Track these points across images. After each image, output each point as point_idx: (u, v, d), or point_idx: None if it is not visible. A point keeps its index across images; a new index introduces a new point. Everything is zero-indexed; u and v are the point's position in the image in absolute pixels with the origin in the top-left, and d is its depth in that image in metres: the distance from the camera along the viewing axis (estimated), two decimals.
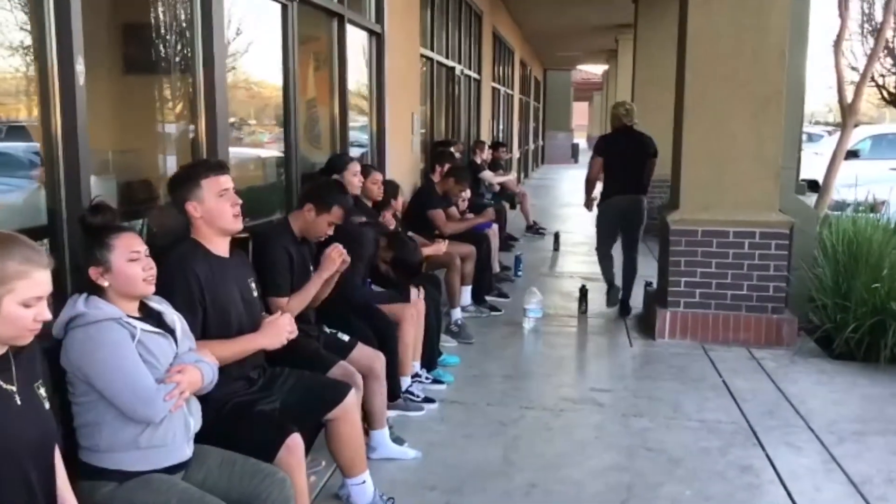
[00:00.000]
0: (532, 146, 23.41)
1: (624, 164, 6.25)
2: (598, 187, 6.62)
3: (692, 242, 5.73)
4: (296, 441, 2.60)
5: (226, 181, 2.73)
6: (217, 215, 2.70)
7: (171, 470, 2.27)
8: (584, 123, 46.18)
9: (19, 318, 1.75)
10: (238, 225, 2.77)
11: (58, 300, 2.40)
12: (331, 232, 3.46)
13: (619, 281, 6.52)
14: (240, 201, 2.77)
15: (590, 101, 42.46)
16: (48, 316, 1.82)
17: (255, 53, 4.49)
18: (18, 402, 1.79)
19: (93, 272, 2.23)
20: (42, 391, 1.88)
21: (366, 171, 4.75)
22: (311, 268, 3.36)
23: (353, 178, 4.44)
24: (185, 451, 2.32)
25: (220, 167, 2.77)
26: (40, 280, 1.78)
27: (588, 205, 6.83)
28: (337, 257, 3.23)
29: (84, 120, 2.42)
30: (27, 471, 1.80)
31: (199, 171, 2.73)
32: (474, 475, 3.60)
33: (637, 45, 11.50)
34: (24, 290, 1.74)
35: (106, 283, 2.24)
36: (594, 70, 29.45)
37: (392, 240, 4.46)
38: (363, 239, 3.93)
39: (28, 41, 2.51)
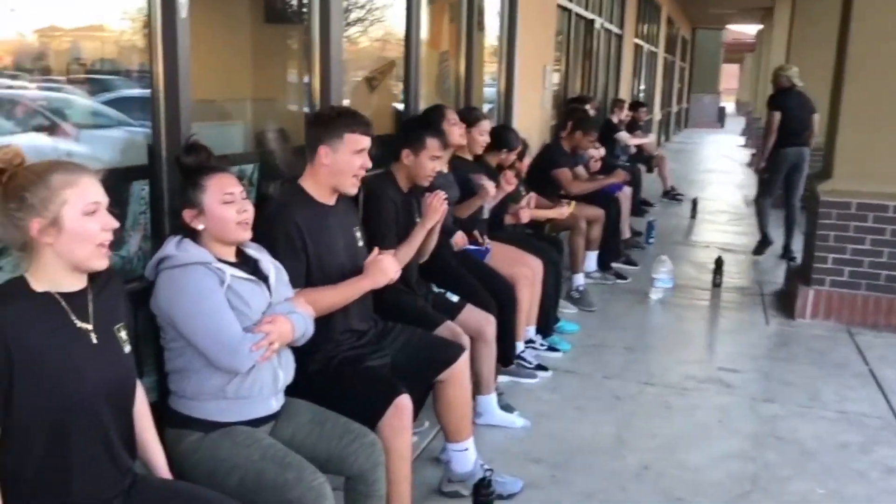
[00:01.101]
0: (675, 108, 22.39)
1: (795, 118, 6.87)
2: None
3: (844, 216, 5.21)
4: (405, 402, 2.48)
5: (366, 142, 2.63)
6: (344, 170, 2.60)
7: (257, 422, 2.20)
8: (733, 87, 43.81)
9: (86, 229, 1.68)
10: (353, 190, 2.68)
11: (158, 241, 2.37)
12: (438, 166, 3.32)
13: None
14: (369, 165, 2.66)
15: (741, 63, 40.18)
16: (115, 223, 1.74)
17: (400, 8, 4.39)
18: (94, 342, 1.73)
19: (187, 214, 2.16)
20: (123, 334, 1.82)
21: (473, 118, 4.36)
22: (418, 219, 3.22)
23: (453, 129, 4.02)
24: (272, 404, 2.24)
25: (367, 126, 2.66)
26: (89, 185, 1.71)
27: (764, 170, 7.35)
28: (438, 205, 3.08)
29: (186, 59, 2.33)
30: (103, 414, 1.75)
31: (347, 122, 2.61)
32: (583, 451, 3.40)
33: (796, 1, 10.61)
34: (77, 197, 1.68)
35: (200, 226, 2.16)
36: (746, 30, 27.73)
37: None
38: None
39: None
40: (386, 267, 2.60)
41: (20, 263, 1.74)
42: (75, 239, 1.68)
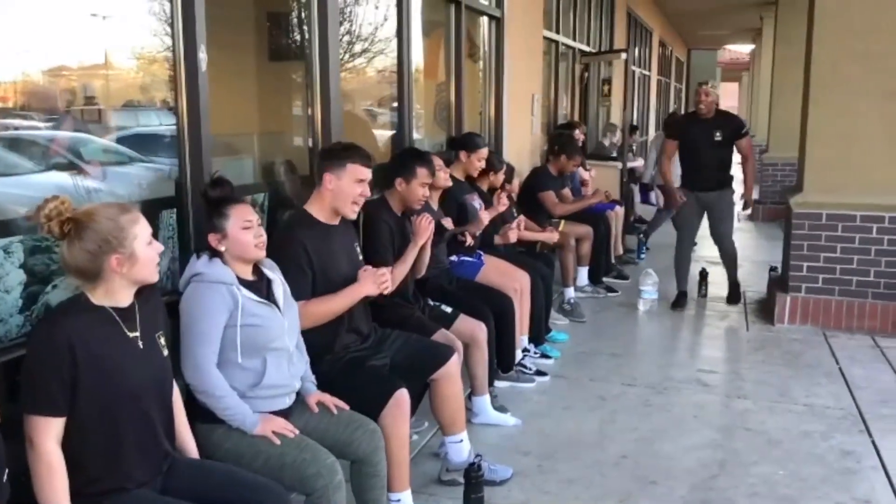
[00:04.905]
0: None
1: None
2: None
3: (816, 226, 5.58)
4: (403, 395, 2.85)
5: (367, 173, 3.02)
6: (345, 197, 2.99)
7: (274, 414, 2.55)
8: (733, 105, 44.23)
9: (149, 256, 2.08)
10: (353, 214, 3.06)
11: (185, 261, 2.74)
12: (427, 193, 3.70)
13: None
14: (368, 194, 3.06)
15: (739, 82, 40.68)
16: (161, 247, 2.15)
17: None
18: (141, 347, 2.10)
19: (211, 238, 2.53)
20: (162, 340, 2.19)
21: (473, 145, 4.84)
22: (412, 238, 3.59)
23: (439, 173, 4.25)
24: (286, 401, 2.61)
25: (369, 159, 3.06)
26: (144, 221, 2.10)
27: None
28: (427, 225, 3.47)
29: (206, 103, 2.73)
30: (148, 408, 2.12)
31: (351, 155, 3.01)
32: (568, 444, 3.74)
33: (777, 22, 11.07)
34: (142, 231, 2.07)
35: (223, 248, 2.53)
36: (742, 49, 28.19)
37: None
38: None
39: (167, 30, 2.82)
40: (375, 277, 2.97)
41: (73, 283, 2.10)
42: (144, 265, 2.07)
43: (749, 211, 6.23)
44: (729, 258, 6.21)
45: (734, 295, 6.26)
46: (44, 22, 2.58)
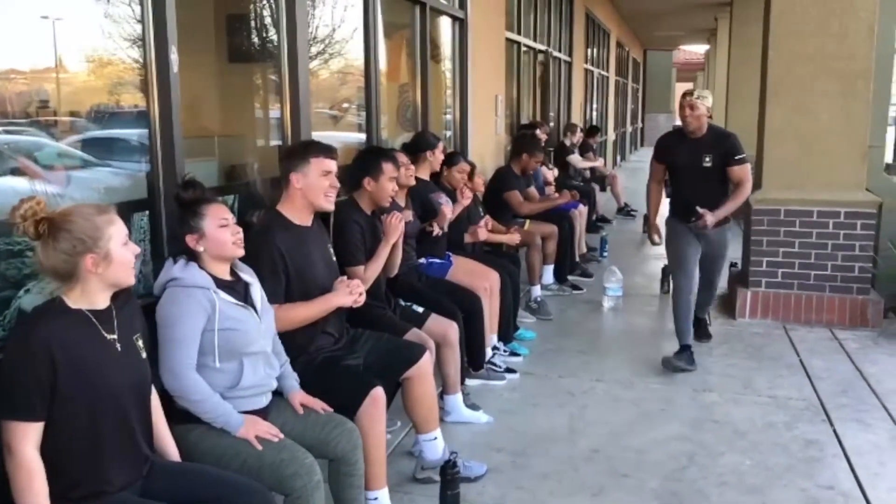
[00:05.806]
0: (630, 128, 23.10)
1: None
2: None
3: (775, 222, 5.72)
4: (379, 393, 2.87)
5: (331, 165, 3.01)
6: (315, 192, 2.99)
7: (250, 414, 2.54)
8: None
9: (125, 257, 2.07)
10: (329, 205, 3.06)
11: (158, 264, 2.72)
12: (396, 188, 3.71)
13: None
14: (338, 185, 3.05)
15: (694, 82, 41.38)
16: (138, 249, 2.14)
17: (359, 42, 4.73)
18: (119, 349, 2.09)
19: (189, 239, 2.52)
20: (140, 343, 2.18)
21: (427, 144, 4.85)
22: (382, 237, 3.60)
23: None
24: (262, 400, 2.60)
25: (331, 151, 3.05)
26: (120, 222, 2.09)
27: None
28: (397, 223, 3.48)
29: (178, 105, 2.71)
30: (128, 410, 2.11)
31: (312, 149, 3.03)
32: (540, 440, 3.79)
33: (733, 23, 11.30)
34: (117, 233, 2.06)
35: (201, 249, 2.52)
36: (697, 50, 28.72)
37: None
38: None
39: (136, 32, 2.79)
40: (350, 288, 2.97)
41: (46, 287, 2.08)
42: (119, 266, 2.06)
43: (702, 225, 4.63)
44: (705, 300, 5.23)
45: (698, 329, 5.23)
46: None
